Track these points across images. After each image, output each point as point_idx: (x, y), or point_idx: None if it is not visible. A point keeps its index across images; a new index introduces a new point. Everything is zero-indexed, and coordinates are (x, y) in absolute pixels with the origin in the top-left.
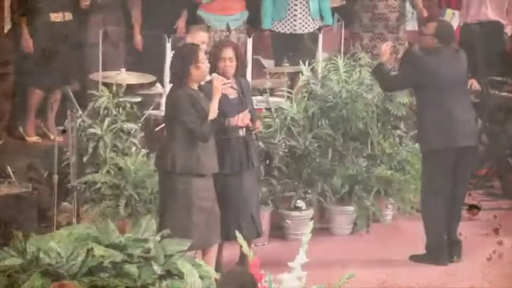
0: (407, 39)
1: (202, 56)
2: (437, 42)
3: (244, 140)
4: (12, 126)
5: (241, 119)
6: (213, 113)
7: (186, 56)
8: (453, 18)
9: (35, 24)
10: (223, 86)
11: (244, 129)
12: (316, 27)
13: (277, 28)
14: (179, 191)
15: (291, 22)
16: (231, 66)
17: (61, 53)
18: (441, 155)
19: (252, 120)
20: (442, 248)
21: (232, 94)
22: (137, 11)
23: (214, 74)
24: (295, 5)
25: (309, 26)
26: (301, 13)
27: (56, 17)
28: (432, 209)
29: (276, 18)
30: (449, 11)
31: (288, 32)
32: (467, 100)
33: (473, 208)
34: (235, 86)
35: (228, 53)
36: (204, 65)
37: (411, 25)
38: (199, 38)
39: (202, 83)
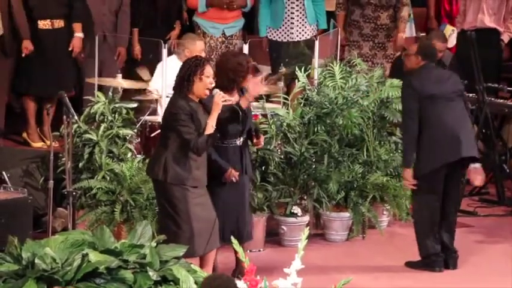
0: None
1: (208, 70)
2: (422, 59)
3: (240, 149)
4: (9, 132)
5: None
6: (210, 128)
7: (192, 66)
8: (452, 35)
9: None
10: (224, 103)
11: (241, 138)
12: (313, 33)
13: (274, 37)
14: (175, 199)
15: (288, 30)
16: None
17: (50, 61)
18: (437, 173)
19: (256, 135)
20: (437, 255)
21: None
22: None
23: (216, 90)
24: (292, 13)
25: (305, 33)
26: (298, 20)
27: (44, 24)
28: (424, 218)
29: (273, 27)
30: (448, 27)
31: (284, 40)
32: (464, 111)
33: None
34: (236, 100)
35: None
36: (209, 79)
37: (408, 32)
38: (199, 47)
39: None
